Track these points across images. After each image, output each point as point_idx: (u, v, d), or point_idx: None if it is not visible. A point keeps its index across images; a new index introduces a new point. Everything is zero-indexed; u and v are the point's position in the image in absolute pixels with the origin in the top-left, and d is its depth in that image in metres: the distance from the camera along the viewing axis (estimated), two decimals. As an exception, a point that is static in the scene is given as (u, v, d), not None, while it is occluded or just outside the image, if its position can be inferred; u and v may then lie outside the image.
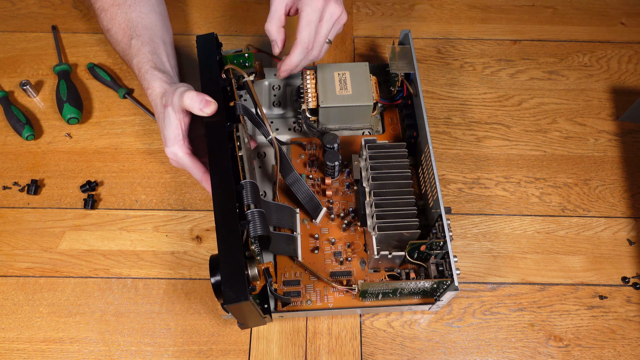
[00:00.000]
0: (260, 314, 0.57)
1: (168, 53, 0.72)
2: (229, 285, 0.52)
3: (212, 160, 0.59)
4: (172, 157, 0.64)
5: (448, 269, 0.59)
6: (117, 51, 0.74)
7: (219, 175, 0.58)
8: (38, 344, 0.64)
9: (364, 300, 0.64)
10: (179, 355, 0.64)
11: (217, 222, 0.55)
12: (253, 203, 0.57)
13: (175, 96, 0.62)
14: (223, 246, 0.54)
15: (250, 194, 0.58)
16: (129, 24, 0.71)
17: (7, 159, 0.76)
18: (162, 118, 0.64)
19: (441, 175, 0.76)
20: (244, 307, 0.53)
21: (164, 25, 0.75)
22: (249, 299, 0.51)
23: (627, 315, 0.67)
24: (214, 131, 0.61)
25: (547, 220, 0.73)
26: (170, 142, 0.63)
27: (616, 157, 0.77)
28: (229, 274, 0.52)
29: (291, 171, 0.68)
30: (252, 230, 0.56)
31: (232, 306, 0.52)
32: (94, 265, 0.69)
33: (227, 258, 0.53)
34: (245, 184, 0.58)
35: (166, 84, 0.65)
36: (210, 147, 0.60)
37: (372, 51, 0.87)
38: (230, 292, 0.51)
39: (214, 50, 0.68)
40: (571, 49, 0.87)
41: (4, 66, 0.84)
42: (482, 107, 0.81)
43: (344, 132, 0.76)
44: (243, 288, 0.51)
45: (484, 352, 0.64)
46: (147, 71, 0.67)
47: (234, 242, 0.54)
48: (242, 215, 0.56)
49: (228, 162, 0.59)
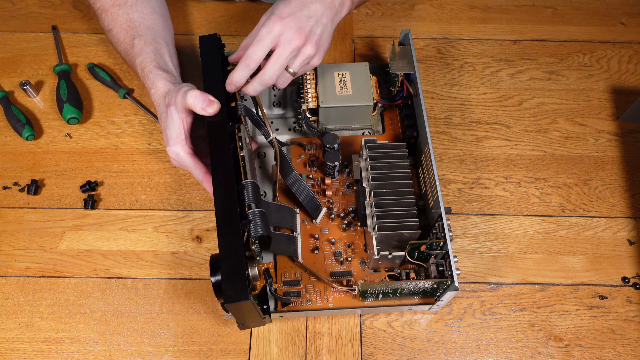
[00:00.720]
0: (260, 314, 0.57)
1: (171, 53, 0.72)
2: (229, 284, 0.52)
3: (214, 160, 0.59)
4: (173, 157, 0.64)
5: (448, 269, 0.59)
6: (119, 51, 0.74)
7: (221, 175, 0.58)
8: (38, 344, 0.64)
9: (364, 300, 0.64)
10: (179, 355, 0.64)
11: (218, 222, 0.55)
12: (254, 203, 0.57)
13: (179, 95, 0.62)
14: (224, 245, 0.54)
15: (251, 193, 0.58)
16: (131, 24, 0.71)
17: (7, 159, 0.76)
18: (165, 117, 0.64)
19: (441, 176, 0.76)
20: (244, 307, 0.53)
21: (166, 26, 0.75)
22: (250, 298, 0.51)
23: (627, 316, 0.67)
24: (216, 131, 0.61)
25: (547, 220, 0.73)
26: (172, 141, 0.63)
27: (616, 157, 0.77)
28: (230, 273, 0.52)
29: (291, 171, 0.68)
30: (252, 230, 0.56)
31: (232, 305, 0.52)
32: (94, 266, 0.69)
33: (228, 257, 0.53)
34: (247, 184, 0.58)
35: (170, 83, 0.65)
36: (212, 147, 0.60)
37: (372, 51, 0.87)
38: (231, 291, 0.51)
39: (216, 51, 0.68)
40: (571, 49, 0.87)
41: (4, 66, 0.84)
42: (482, 107, 0.81)
43: (344, 132, 0.76)
44: (244, 287, 0.51)
45: (484, 352, 0.64)
46: (151, 71, 0.67)
47: (235, 242, 0.54)
48: (243, 215, 0.56)
49: (230, 162, 0.59)
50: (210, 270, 0.55)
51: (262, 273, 0.56)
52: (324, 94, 0.71)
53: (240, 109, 0.64)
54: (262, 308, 0.59)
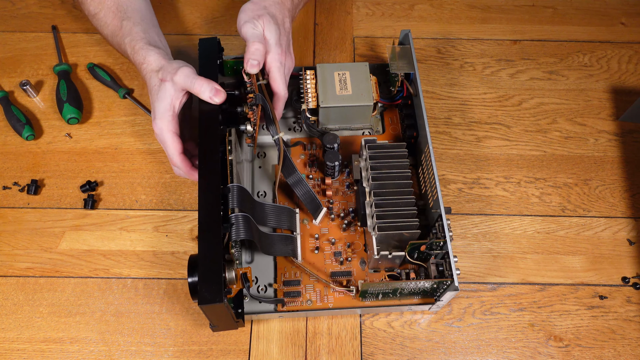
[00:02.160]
0: (233, 317, 0.57)
1: (159, 34, 0.73)
2: (205, 286, 0.52)
3: (202, 160, 0.60)
4: (157, 132, 0.65)
5: (448, 269, 0.59)
6: (105, 34, 0.74)
7: (207, 177, 0.59)
8: (38, 344, 0.64)
9: (364, 300, 0.64)
10: (179, 355, 0.64)
11: (200, 223, 0.56)
12: (238, 207, 0.58)
13: (179, 75, 0.62)
14: (203, 247, 0.55)
15: (236, 197, 0.58)
16: (118, 7, 0.72)
17: (7, 159, 0.76)
18: (156, 91, 0.64)
19: (441, 175, 0.76)
20: (218, 309, 0.53)
21: (150, 10, 0.76)
22: (224, 301, 0.52)
23: (627, 315, 0.67)
24: (207, 132, 0.62)
25: (547, 220, 0.73)
26: (159, 115, 0.64)
27: (616, 157, 0.77)
28: (207, 274, 0.53)
29: (294, 171, 0.68)
30: (234, 234, 0.56)
31: (206, 307, 0.52)
32: (94, 265, 0.69)
33: (205, 259, 0.54)
34: (232, 188, 0.59)
35: (163, 58, 0.66)
36: (202, 148, 0.61)
37: (372, 51, 0.87)
38: (206, 293, 0.52)
39: (215, 55, 0.69)
40: (571, 49, 0.87)
41: (4, 66, 0.84)
42: (482, 107, 0.81)
43: (344, 132, 0.76)
44: (219, 290, 0.52)
45: (484, 352, 0.64)
46: (142, 47, 0.67)
47: (214, 244, 0.55)
48: (225, 218, 0.57)
49: (217, 164, 0.59)
50: (187, 270, 0.55)
51: (239, 277, 0.57)
52: (324, 94, 0.71)
53: (259, 99, 0.65)
54: (236, 312, 0.60)
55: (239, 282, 0.56)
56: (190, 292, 0.55)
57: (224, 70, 0.73)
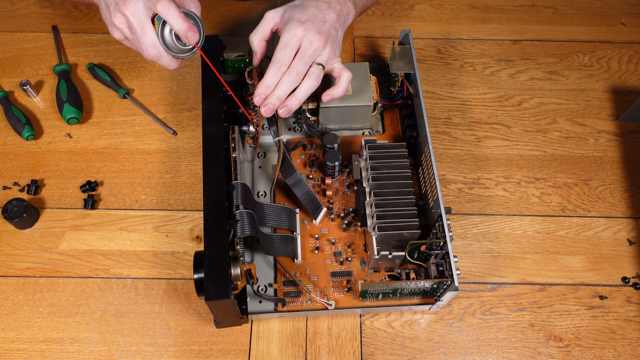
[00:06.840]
0: (238, 313, 0.58)
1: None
2: (212, 282, 0.53)
3: (207, 158, 0.60)
4: (131, 14, 0.57)
5: (448, 269, 0.59)
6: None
7: (212, 174, 0.59)
8: (38, 344, 0.64)
9: (364, 300, 0.64)
10: (179, 355, 0.64)
11: (205, 220, 0.56)
12: (242, 204, 0.59)
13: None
14: (209, 243, 0.55)
15: (240, 194, 0.59)
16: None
17: (7, 159, 0.76)
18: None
19: (441, 175, 0.76)
20: (225, 305, 0.54)
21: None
22: (231, 297, 0.52)
23: (627, 315, 0.67)
24: (211, 131, 0.62)
25: (547, 220, 0.73)
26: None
27: (616, 157, 0.77)
28: (213, 271, 0.54)
29: (293, 172, 0.68)
30: (239, 231, 0.57)
31: (213, 303, 0.53)
32: (94, 265, 0.69)
33: (212, 255, 0.55)
34: (237, 185, 0.59)
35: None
36: (206, 145, 0.61)
37: (372, 51, 0.87)
38: (213, 289, 0.52)
39: (217, 53, 0.69)
40: (571, 49, 0.87)
41: (4, 66, 0.83)
42: (482, 107, 0.81)
43: (344, 132, 0.76)
44: (225, 286, 0.53)
45: (484, 352, 0.64)
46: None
47: (220, 240, 0.55)
48: (230, 214, 0.57)
49: (222, 162, 0.60)
50: (193, 267, 0.56)
51: (243, 273, 0.57)
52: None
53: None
54: (240, 308, 0.60)
55: (243, 279, 0.57)
56: (196, 288, 0.56)
57: (226, 69, 0.73)
